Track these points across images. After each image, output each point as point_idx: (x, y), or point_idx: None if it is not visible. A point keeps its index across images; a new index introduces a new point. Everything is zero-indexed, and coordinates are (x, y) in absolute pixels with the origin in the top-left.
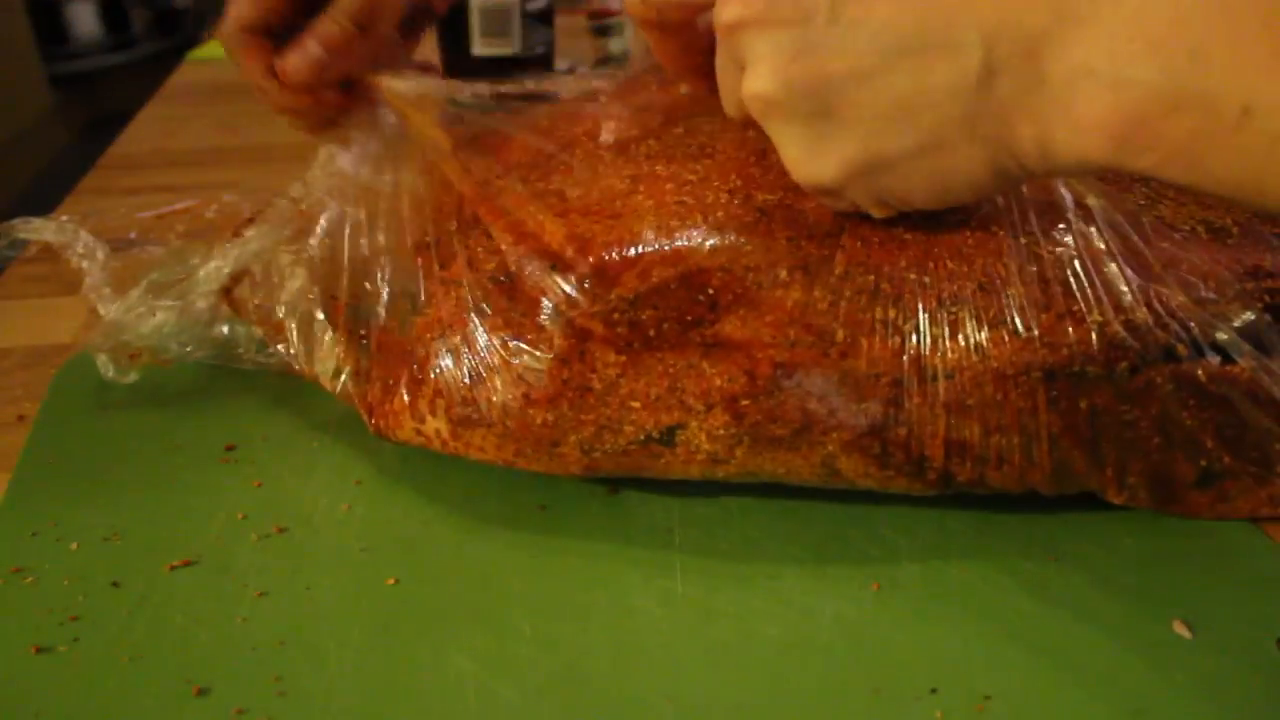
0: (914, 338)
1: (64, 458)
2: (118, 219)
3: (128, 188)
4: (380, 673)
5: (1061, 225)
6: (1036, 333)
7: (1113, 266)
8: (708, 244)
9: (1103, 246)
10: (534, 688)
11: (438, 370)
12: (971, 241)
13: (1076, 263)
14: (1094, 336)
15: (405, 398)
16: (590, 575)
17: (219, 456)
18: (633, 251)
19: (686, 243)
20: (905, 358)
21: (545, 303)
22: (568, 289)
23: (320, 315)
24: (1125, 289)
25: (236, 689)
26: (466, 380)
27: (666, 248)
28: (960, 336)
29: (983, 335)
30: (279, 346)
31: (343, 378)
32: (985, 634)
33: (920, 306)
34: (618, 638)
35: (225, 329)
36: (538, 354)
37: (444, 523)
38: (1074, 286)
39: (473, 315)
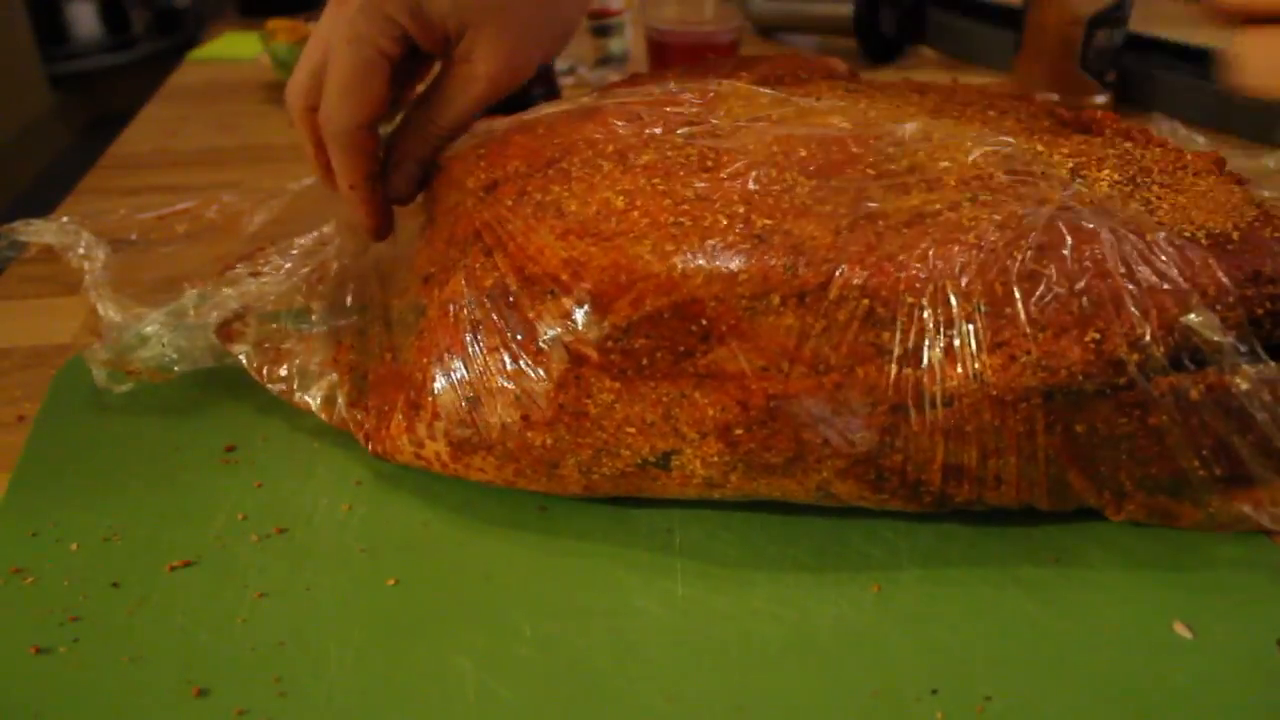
0: (909, 364)
1: (64, 458)
2: (118, 220)
3: (128, 188)
4: (380, 673)
5: (1060, 237)
6: (1034, 355)
7: (1110, 280)
8: (702, 271)
9: (1101, 258)
10: (534, 688)
11: (435, 393)
12: (969, 259)
13: (1075, 277)
14: (1091, 354)
15: (403, 422)
16: (590, 576)
17: (219, 457)
18: (627, 278)
19: (681, 268)
20: (900, 384)
21: (542, 326)
22: (562, 314)
23: (317, 360)
24: (1122, 303)
25: (236, 689)
26: (465, 403)
27: (661, 275)
28: (956, 362)
29: (979, 360)
30: (271, 385)
31: (338, 404)
32: (986, 635)
33: (916, 331)
34: (618, 638)
35: None
36: (535, 376)
37: (444, 523)
38: (1071, 303)
39: (470, 335)
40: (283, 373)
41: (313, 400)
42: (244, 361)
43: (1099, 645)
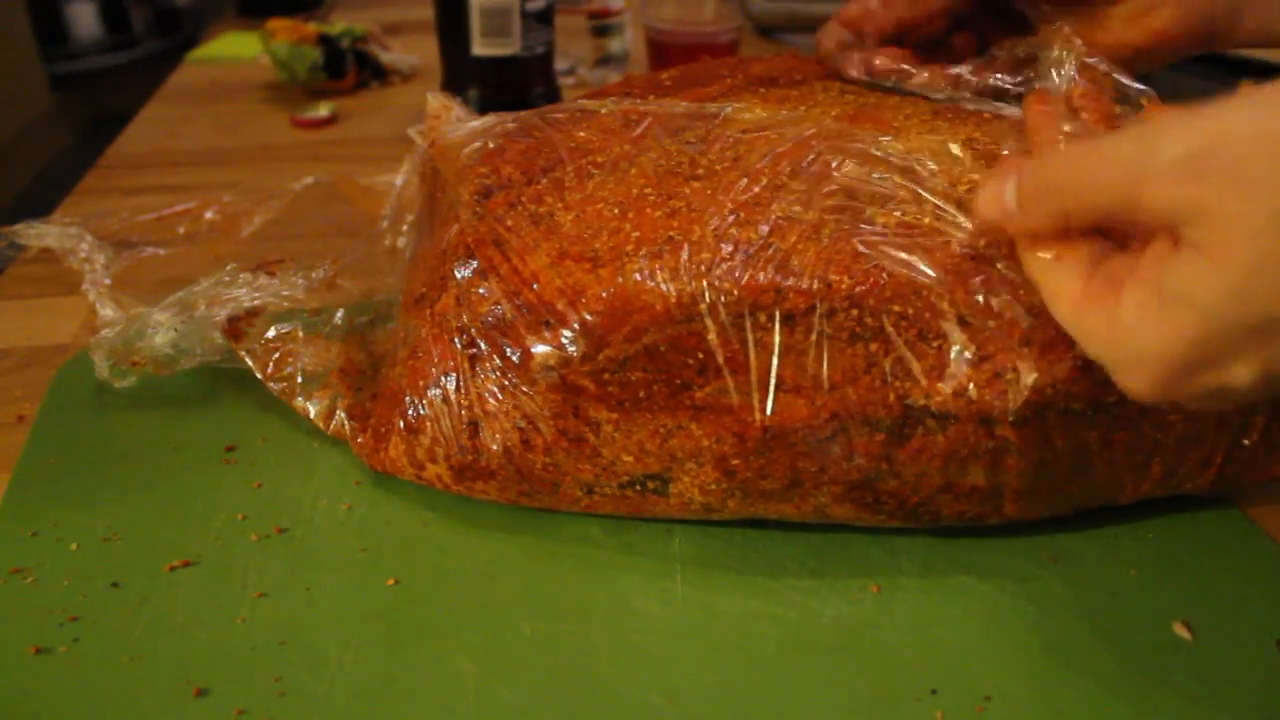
0: (898, 376)
1: (64, 458)
2: (119, 221)
3: (128, 188)
4: (380, 673)
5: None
6: (1020, 371)
7: None
8: (691, 291)
9: None
10: (534, 688)
11: (434, 420)
12: (952, 267)
13: None
14: (1076, 371)
15: (401, 444)
16: (590, 576)
17: (219, 457)
18: (623, 308)
19: (674, 293)
20: (891, 403)
21: (538, 355)
22: (559, 344)
23: (322, 366)
24: None
25: (236, 689)
26: (465, 429)
27: (655, 305)
28: (945, 378)
29: (966, 374)
30: (273, 385)
31: (337, 415)
32: (985, 635)
33: (903, 341)
34: (618, 638)
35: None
36: (534, 404)
37: (444, 523)
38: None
39: (467, 361)
40: (286, 374)
41: (312, 407)
42: (248, 360)
43: (1099, 645)
